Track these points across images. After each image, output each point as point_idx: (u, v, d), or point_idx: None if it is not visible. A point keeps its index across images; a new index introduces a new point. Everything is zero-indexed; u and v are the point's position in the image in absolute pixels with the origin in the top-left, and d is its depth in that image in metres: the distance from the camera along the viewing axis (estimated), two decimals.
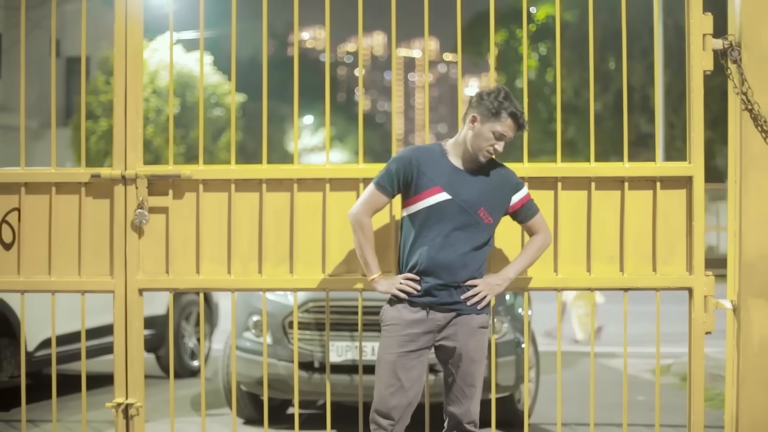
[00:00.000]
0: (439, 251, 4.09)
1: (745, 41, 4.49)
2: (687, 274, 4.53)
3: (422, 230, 4.12)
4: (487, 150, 4.11)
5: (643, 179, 4.53)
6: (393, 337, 4.11)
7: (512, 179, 4.23)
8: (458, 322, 4.12)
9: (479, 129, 4.10)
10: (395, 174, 4.13)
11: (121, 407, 4.61)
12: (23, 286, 4.73)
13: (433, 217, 4.11)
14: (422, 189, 4.11)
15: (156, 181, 4.65)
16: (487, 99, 4.09)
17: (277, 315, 6.29)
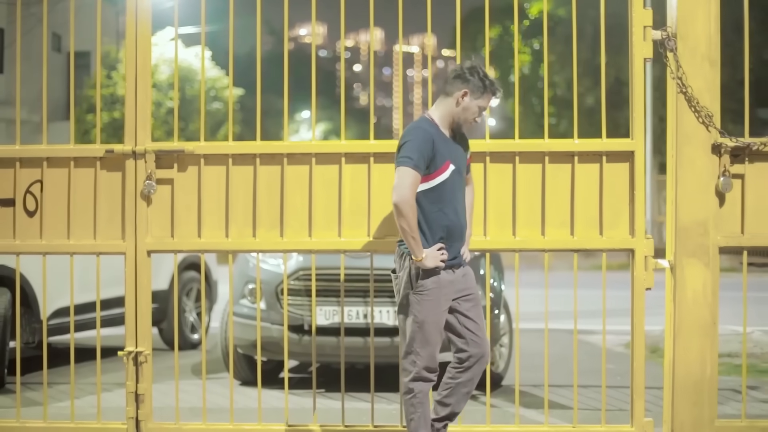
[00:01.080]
0: (456, 217, 4.61)
1: (681, 32, 5.11)
2: (629, 237, 5.15)
3: (442, 201, 4.58)
4: (473, 121, 4.65)
5: (591, 153, 5.15)
6: (435, 299, 4.55)
7: (465, 138, 4.77)
8: (467, 274, 4.70)
9: (468, 103, 4.60)
10: (426, 155, 4.50)
11: (132, 355, 5.24)
12: (45, 249, 5.35)
13: (448, 188, 4.58)
14: (439, 165, 4.54)
15: (163, 156, 5.27)
16: (475, 77, 4.59)
17: (271, 282, 6.88)
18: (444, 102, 4.67)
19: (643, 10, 5.13)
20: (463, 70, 4.64)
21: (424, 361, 4.59)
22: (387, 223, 5.19)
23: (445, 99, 4.67)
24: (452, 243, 4.61)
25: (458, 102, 4.62)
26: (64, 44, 26.88)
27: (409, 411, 4.64)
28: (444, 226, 4.58)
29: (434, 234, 4.57)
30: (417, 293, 4.57)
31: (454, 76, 4.66)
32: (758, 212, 5.17)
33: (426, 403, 4.64)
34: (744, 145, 5.13)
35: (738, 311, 5.62)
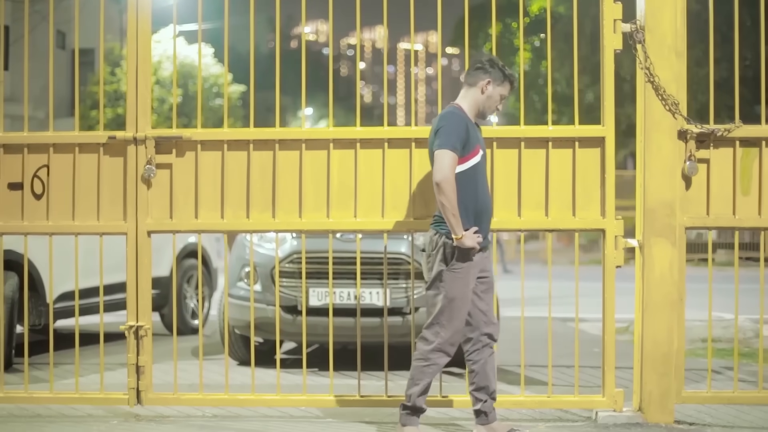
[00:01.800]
0: (486, 198, 4.95)
1: (648, 25, 5.43)
2: (601, 218, 5.47)
3: (475, 183, 4.89)
4: (495, 109, 5.03)
5: (564, 139, 5.47)
6: (465, 278, 4.84)
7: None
8: (488, 256, 5.03)
9: (491, 92, 4.99)
10: (461, 137, 4.82)
11: (133, 329, 5.57)
12: (51, 229, 5.69)
13: (479, 171, 4.92)
14: (471, 149, 4.87)
15: (162, 142, 5.61)
16: (495, 68, 4.99)
17: (266, 265, 7.21)
18: (469, 92, 5.03)
19: (614, 4, 5.45)
20: (483, 62, 5.03)
21: (447, 334, 4.89)
22: (373, 206, 5.52)
23: (469, 89, 5.03)
24: (482, 224, 4.93)
25: (483, 90, 4.99)
26: (68, 41, 27.23)
27: (417, 376, 4.92)
28: (477, 207, 4.90)
29: (469, 214, 4.86)
30: (451, 270, 4.85)
31: (476, 68, 5.04)
32: (722, 194, 5.49)
33: (435, 376, 4.95)
34: (708, 131, 5.45)
35: (727, 301, 5.94)
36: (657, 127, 5.42)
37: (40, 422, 5.47)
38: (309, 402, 5.65)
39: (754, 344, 8.77)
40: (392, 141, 5.52)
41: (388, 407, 5.56)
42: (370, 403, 5.64)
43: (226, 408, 5.71)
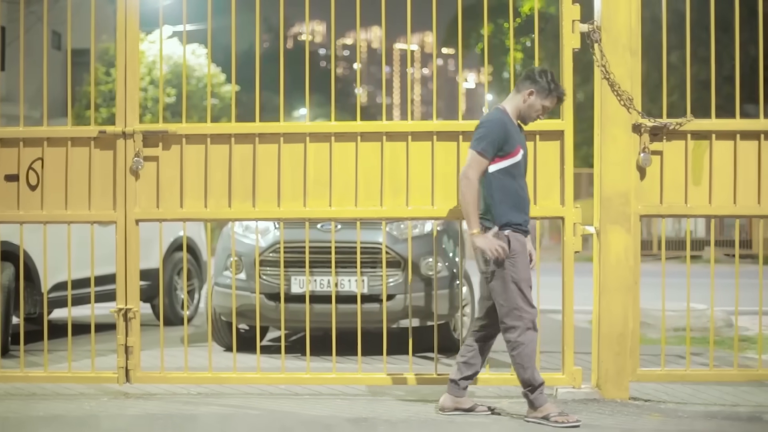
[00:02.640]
0: (525, 192, 5.31)
1: (604, 25, 5.80)
2: (560, 206, 5.84)
3: (516, 178, 5.24)
4: (536, 118, 5.38)
5: (526, 133, 5.82)
6: (523, 259, 5.18)
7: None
8: (528, 241, 5.38)
9: (533, 101, 5.32)
10: (497, 140, 5.17)
11: (122, 312, 5.93)
12: (45, 218, 6.04)
13: (520, 168, 5.27)
14: (513, 148, 5.22)
15: (149, 136, 5.97)
16: (544, 79, 5.30)
17: (251, 255, 7.55)
18: (514, 97, 5.39)
19: (572, 6, 5.82)
20: (534, 71, 5.36)
21: (530, 314, 5.23)
22: (347, 195, 5.88)
23: (516, 95, 5.39)
24: (525, 211, 5.30)
25: (525, 99, 5.33)
26: (64, 42, 27.54)
27: (522, 362, 5.22)
28: (517, 200, 5.26)
29: (512, 204, 5.21)
30: (510, 258, 5.20)
31: (524, 77, 5.38)
32: (675, 184, 5.86)
33: (534, 349, 5.26)
34: (661, 125, 5.81)
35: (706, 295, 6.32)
36: (612, 121, 5.78)
37: (35, 399, 5.82)
38: (287, 380, 6.01)
39: (724, 333, 9.12)
40: (365, 135, 5.88)
41: (361, 384, 5.94)
42: (345, 380, 6.00)
43: (209, 386, 6.06)
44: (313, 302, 7.15)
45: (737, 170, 5.85)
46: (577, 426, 5.16)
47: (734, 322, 8.44)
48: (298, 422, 5.22)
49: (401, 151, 5.87)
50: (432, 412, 5.52)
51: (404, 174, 5.86)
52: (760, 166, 5.85)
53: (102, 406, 5.65)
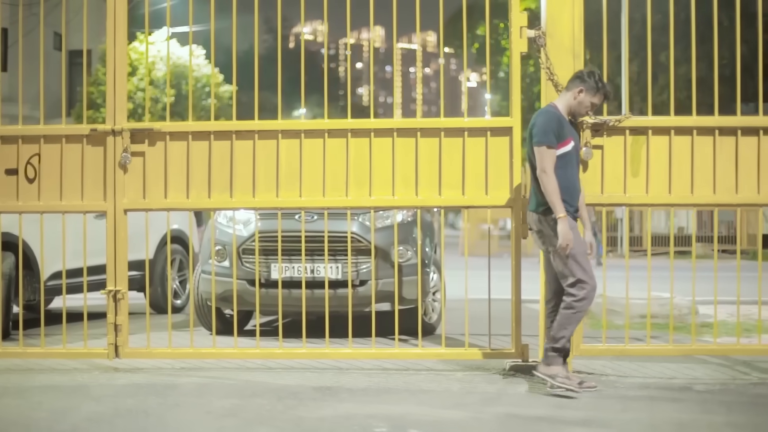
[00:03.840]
0: (576, 181, 5.88)
1: (549, 31, 6.37)
2: (509, 196, 6.41)
3: (565, 168, 5.79)
4: (585, 114, 5.97)
5: (478, 129, 6.41)
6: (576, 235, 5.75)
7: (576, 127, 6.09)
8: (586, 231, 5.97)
9: (582, 98, 5.91)
10: (555, 131, 5.77)
11: (112, 293, 6.52)
12: (42, 209, 6.63)
13: (570, 158, 5.83)
14: (562, 140, 5.80)
15: (136, 133, 6.55)
16: (592, 79, 5.91)
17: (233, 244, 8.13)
18: (565, 95, 5.99)
19: (520, 14, 6.39)
20: (583, 72, 5.99)
21: (590, 283, 5.76)
22: (316, 187, 6.46)
23: (566, 93, 5.99)
24: (572, 200, 5.85)
25: (575, 96, 5.93)
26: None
27: (565, 323, 5.76)
28: (567, 186, 5.80)
29: (563, 190, 5.76)
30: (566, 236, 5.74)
31: (575, 77, 6.01)
32: (614, 176, 6.42)
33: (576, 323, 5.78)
34: (602, 121, 6.38)
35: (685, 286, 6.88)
36: None
37: (33, 374, 6.40)
38: (261, 355, 6.60)
39: (687, 320, 9.67)
40: (332, 132, 6.46)
41: (329, 359, 6.53)
42: (313, 355, 6.59)
43: (191, 361, 6.65)
44: (292, 287, 7.72)
45: (672, 163, 6.41)
46: (577, 393, 5.69)
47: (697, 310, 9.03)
48: (267, 389, 5.80)
49: (365, 147, 6.45)
50: (390, 381, 6.09)
51: (368, 167, 6.44)
52: (693, 158, 6.41)
53: (93, 378, 6.23)
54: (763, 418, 5.26)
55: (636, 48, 27.63)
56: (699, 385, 6.18)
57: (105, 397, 5.55)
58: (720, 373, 6.56)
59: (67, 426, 4.85)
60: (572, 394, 5.69)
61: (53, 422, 4.94)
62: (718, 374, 6.51)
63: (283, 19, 6.61)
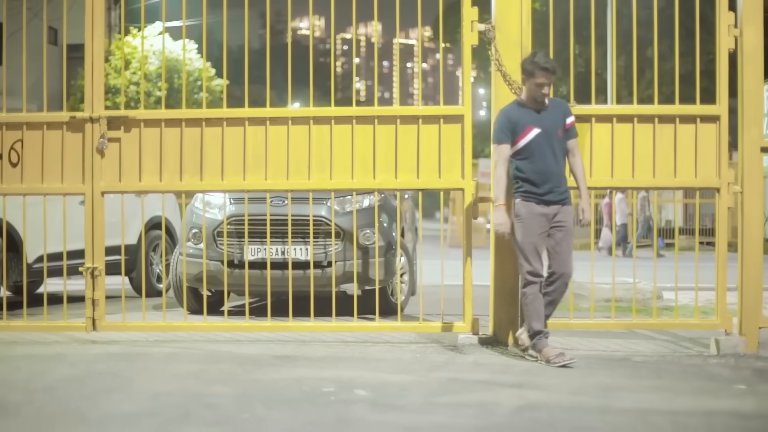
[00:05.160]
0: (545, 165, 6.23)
1: (498, 25, 6.81)
2: (461, 179, 6.85)
3: (532, 156, 6.21)
4: (543, 95, 6.30)
5: (432, 117, 6.85)
6: (527, 225, 6.20)
7: (566, 108, 6.40)
8: (564, 211, 6.32)
9: (529, 84, 6.33)
10: (506, 128, 6.25)
11: (89, 270, 6.96)
12: (25, 191, 7.08)
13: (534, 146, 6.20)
14: (520, 132, 6.24)
15: (113, 120, 6.99)
16: (526, 63, 6.33)
17: (209, 227, 8.56)
18: (524, 88, 6.42)
19: (471, 9, 6.82)
20: (523, 61, 6.43)
21: (526, 269, 6.26)
22: (280, 171, 6.90)
23: (524, 85, 6.43)
24: (545, 185, 6.24)
25: (526, 85, 6.38)
26: (60, 37, 28.55)
27: (523, 308, 6.34)
28: (537, 174, 6.23)
29: (527, 177, 6.23)
30: (516, 221, 6.31)
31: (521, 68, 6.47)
32: None
33: (536, 301, 6.26)
34: None
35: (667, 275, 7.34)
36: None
37: (15, 346, 6.84)
38: (229, 327, 7.06)
39: (650, 304, 10.11)
40: (295, 119, 6.91)
41: (290, 332, 6.99)
42: (278, 328, 7.05)
43: (165, 334, 7.10)
44: (264, 268, 8.13)
45: (614, 148, 6.85)
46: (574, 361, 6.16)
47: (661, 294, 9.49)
48: (231, 357, 6.26)
49: (326, 133, 6.89)
50: (348, 351, 6.54)
51: (329, 152, 6.88)
52: (634, 144, 6.85)
53: (71, 348, 6.68)
54: (686, 384, 5.69)
55: (623, 43, 28.09)
56: (638, 357, 6.62)
57: (79, 363, 6.00)
58: (662, 347, 7.00)
59: (42, 384, 5.30)
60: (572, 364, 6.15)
61: (29, 382, 5.39)
62: (661, 348, 6.96)
63: (277, 14, 7.03)
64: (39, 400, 4.86)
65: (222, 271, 8.28)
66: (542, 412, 4.79)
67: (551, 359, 6.17)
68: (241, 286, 8.25)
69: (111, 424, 4.35)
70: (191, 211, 8.94)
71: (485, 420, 4.56)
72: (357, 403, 4.85)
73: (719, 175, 6.81)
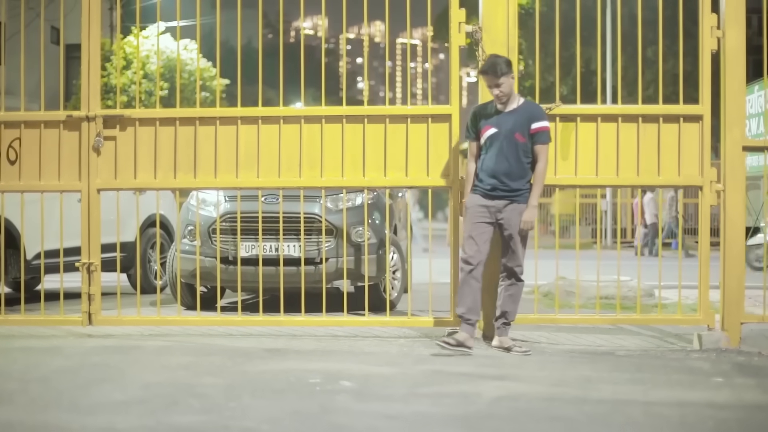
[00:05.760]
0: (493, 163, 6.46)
1: (485, 26, 6.96)
2: (449, 177, 7.00)
3: (487, 153, 6.48)
4: (498, 95, 6.51)
5: (420, 116, 7.00)
6: (468, 216, 6.48)
7: (534, 113, 6.61)
8: (512, 209, 6.51)
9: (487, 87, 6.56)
10: (470, 125, 6.54)
11: (86, 265, 7.12)
12: (22, 188, 7.24)
13: (491, 143, 6.46)
14: (480, 129, 6.51)
15: (108, 119, 7.15)
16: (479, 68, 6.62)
17: (204, 224, 8.73)
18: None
19: (458, 10, 6.97)
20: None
21: (463, 255, 6.53)
22: (272, 169, 7.05)
23: None
24: (490, 179, 6.49)
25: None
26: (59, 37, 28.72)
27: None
28: (488, 169, 6.49)
29: (478, 172, 6.54)
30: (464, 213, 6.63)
31: None
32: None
33: (464, 286, 6.47)
34: None
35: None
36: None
37: (13, 339, 7.00)
38: (222, 321, 7.22)
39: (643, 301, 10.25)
40: (286, 118, 7.06)
41: (282, 326, 7.13)
42: (269, 322, 7.20)
43: (159, 328, 7.26)
44: (257, 265, 8.29)
45: (599, 147, 7.00)
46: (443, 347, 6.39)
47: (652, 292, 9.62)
48: (222, 350, 6.41)
49: (317, 132, 7.04)
50: (337, 345, 6.70)
51: (319, 150, 7.03)
52: (618, 143, 7.00)
53: (67, 342, 6.84)
54: (666, 377, 5.83)
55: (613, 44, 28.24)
56: (621, 351, 6.77)
57: (74, 355, 6.16)
58: (647, 342, 7.15)
59: (37, 375, 5.46)
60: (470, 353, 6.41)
61: (25, 372, 5.55)
62: (645, 344, 7.10)
63: (277, 14, 7.19)
64: (33, 390, 5.01)
65: (216, 267, 8.43)
66: (521, 402, 4.94)
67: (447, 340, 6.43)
68: (235, 282, 8.42)
69: (101, 411, 4.51)
70: (187, 208, 9.10)
71: (465, 409, 4.71)
72: (341, 394, 5.00)
73: (702, 174, 6.96)
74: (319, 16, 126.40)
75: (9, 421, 4.32)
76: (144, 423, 4.29)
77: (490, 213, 6.52)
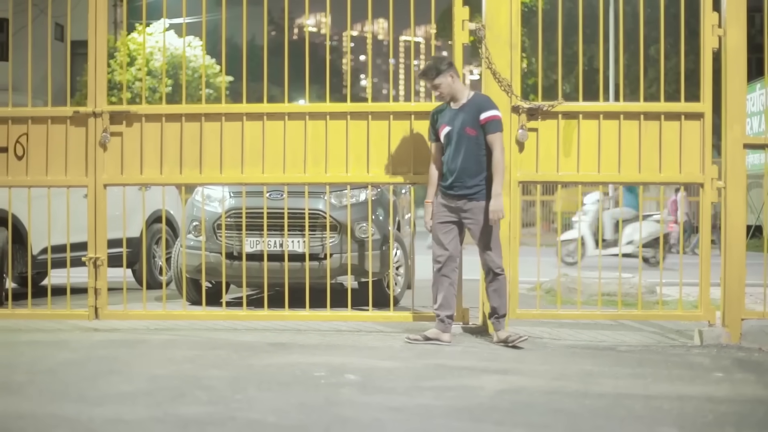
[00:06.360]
0: (451, 161, 6.58)
1: (489, 24, 7.02)
2: None
3: (446, 150, 6.60)
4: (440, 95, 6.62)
5: (424, 113, 7.05)
6: (434, 216, 6.65)
7: (482, 104, 6.66)
8: (473, 208, 6.62)
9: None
10: (431, 126, 6.69)
11: (92, 260, 7.18)
12: (29, 183, 7.31)
13: (446, 142, 6.58)
14: (438, 128, 6.62)
15: (115, 115, 7.21)
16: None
17: (209, 220, 8.78)
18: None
19: (462, 8, 7.03)
20: None
21: (433, 253, 6.71)
22: (277, 164, 7.12)
23: None
24: (449, 177, 6.59)
25: None
26: (64, 33, 28.85)
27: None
28: (445, 166, 6.63)
29: (444, 170, 6.64)
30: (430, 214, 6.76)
31: None
32: (548, 156, 7.07)
33: (437, 283, 6.69)
34: (536, 106, 7.03)
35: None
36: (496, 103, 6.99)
37: (20, 333, 7.07)
38: (227, 316, 7.28)
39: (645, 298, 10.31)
40: (291, 114, 7.12)
41: (287, 321, 7.20)
42: (274, 317, 7.27)
43: (165, 323, 7.32)
44: (263, 260, 8.35)
45: (601, 144, 7.06)
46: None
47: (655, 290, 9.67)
48: (228, 344, 6.48)
49: (321, 128, 7.10)
50: (341, 340, 6.76)
51: (324, 147, 7.10)
52: (620, 140, 7.05)
53: (73, 336, 6.91)
54: (666, 371, 5.89)
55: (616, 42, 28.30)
56: (623, 346, 6.82)
57: (81, 349, 6.23)
58: (648, 338, 7.20)
59: (44, 367, 5.53)
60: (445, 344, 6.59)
61: (32, 365, 5.62)
62: (647, 339, 7.16)
63: (281, 11, 7.26)
64: (41, 381, 5.08)
65: (221, 262, 8.49)
66: (522, 395, 5.00)
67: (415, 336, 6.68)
68: (240, 278, 8.49)
69: (109, 402, 4.58)
70: (192, 204, 9.16)
71: (467, 402, 4.77)
72: (346, 386, 5.06)
73: (703, 171, 7.01)
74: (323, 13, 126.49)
75: (19, 411, 4.39)
76: (151, 414, 4.36)
77: (453, 212, 6.66)
